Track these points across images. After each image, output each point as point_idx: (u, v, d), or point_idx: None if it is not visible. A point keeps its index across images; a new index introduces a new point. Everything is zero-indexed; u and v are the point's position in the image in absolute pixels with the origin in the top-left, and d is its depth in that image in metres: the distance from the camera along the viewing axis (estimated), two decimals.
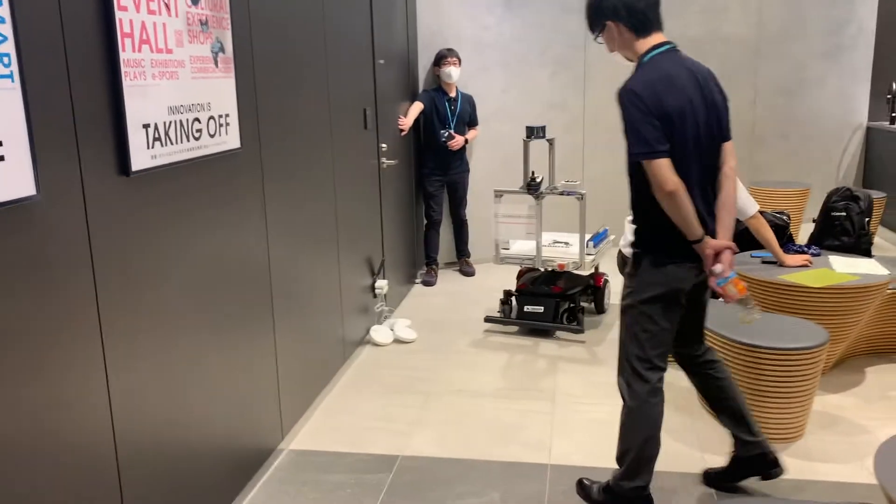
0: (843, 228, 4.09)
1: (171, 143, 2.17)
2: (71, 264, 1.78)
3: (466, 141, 5.46)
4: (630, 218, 2.55)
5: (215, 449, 2.50)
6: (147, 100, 2.04)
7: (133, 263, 2.02)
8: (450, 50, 5.33)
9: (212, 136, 2.41)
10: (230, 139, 2.55)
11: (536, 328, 4.38)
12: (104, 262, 1.90)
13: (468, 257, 5.75)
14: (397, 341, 4.34)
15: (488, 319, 4.45)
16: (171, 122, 2.16)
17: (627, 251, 3.89)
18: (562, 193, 4.32)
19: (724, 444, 3.10)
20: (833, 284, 3.41)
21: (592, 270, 4.64)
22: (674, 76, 2.35)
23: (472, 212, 5.72)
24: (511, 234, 4.33)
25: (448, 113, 5.38)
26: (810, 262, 3.75)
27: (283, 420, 3.12)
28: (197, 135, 2.31)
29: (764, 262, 3.81)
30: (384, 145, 4.56)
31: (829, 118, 7.11)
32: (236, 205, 2.63)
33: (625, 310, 2.51)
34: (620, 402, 2.60)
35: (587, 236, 4.41)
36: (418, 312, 4.83)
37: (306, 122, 3.29)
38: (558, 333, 4.38)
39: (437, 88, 5.42)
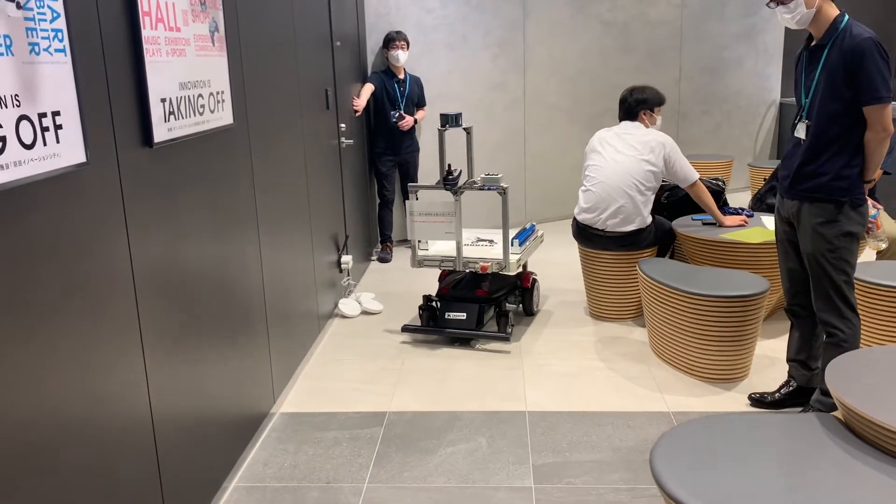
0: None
1: (183, 118, 2.29)
2: (109, 227, 1.90)
3: (416, 121, 5.65)
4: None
5: (222, 414, 2.64)
6: (163, 75, 2.16)
7: (157, 230, 2.14)
8: (398, 33, 5.49)
9: (212, 111, 2.54)
10: (225, 115, 2.67)
11: (459, 337, 3.99)
12: (135, 226, 2.02)
13: None
14: (365, 313, 4.52)
15: (406, 329, 4.05)
16: (181, 98, 2.28)
17: (582, 218, 4.20)
18: (481, 188, 3.88)
19: (677, 385, 3.44)
20: (769, 240, 3.79)
21: (519, 270, 4.28)
22: None
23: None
24: (428, 234, 3.94)
25: (397, 94, 5.56)
26: (746, 222, 4.14)
27: (275, 386, 3.27)
28: (201, 110, 2.44)
29: (705, 224, 4.17)
30: (343, 125, 4.70)
31: (747, 95, 7.64)
32: (232, 179, 2.76)
33: (833, 250, 2.72)
34: (579, 357, 2.85)
35: (512, 233, 4.18)
36: (379, 287, 5.02)
37: (282, 102, 3.42)
38: (481, 342, 3.99)
39: (386, 70, 5.58)
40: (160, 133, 2.14)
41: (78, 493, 1.73)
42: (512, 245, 4.03)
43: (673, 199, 4.58)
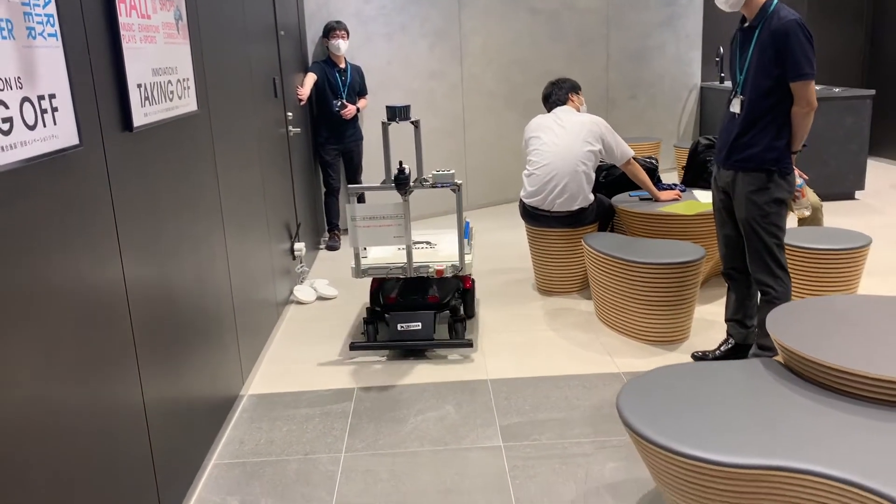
0: (710, 171, 4.81)
1: (156, 103, 2.35)
2: (98, 207, 1.95)
3: (358, 110, 5.74)
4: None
5: (197, 397, 2.71)
6: (138, 61, 2.22)
7: (140, 215, 2.20)
8: (338, 22, 5.56)
9: (180, 98, 2.59)
10: (191, 102, 2.73)
11: (413, 349, 3.71)
12: (121, 210, 2.08)
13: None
14: (320, 298, 4.60)
15: (354, 347, 3.65)
16: (154, 84, 2.34)
17: (529, 200, 4.39)
18: (433, 186, 3.58)
19: (624, 348, 3.67)
20: (701, 212, 4.07)
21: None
22: None
23: (367, 179, 6.03)
24: (374, 240, 3.55)
25: (339, 84, 5.63)
26: (679, 196, 4.41)
27: (243, 370, 3.33)
28: (171, 96, 2.49)
29: (641, 200, 4.43)
30: (290, 114, 4.76)
31: (670, 80, 8.01)
32: (199, 166, 2.81)
33: (765, 216, 2.97)
34: (532, 328, 3.03)
35: (446, 233, 4.10)
36: (331, 273, 5.10)
37: (236, 90, 3.47)
38: (434, 352, 3.72)
39: (327, 60, 5.64)
40: (139, 118, 2.20)
41: (82, 472, 1.79)
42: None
43: (611, 178, 4.82)
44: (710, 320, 3.98)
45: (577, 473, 2.62)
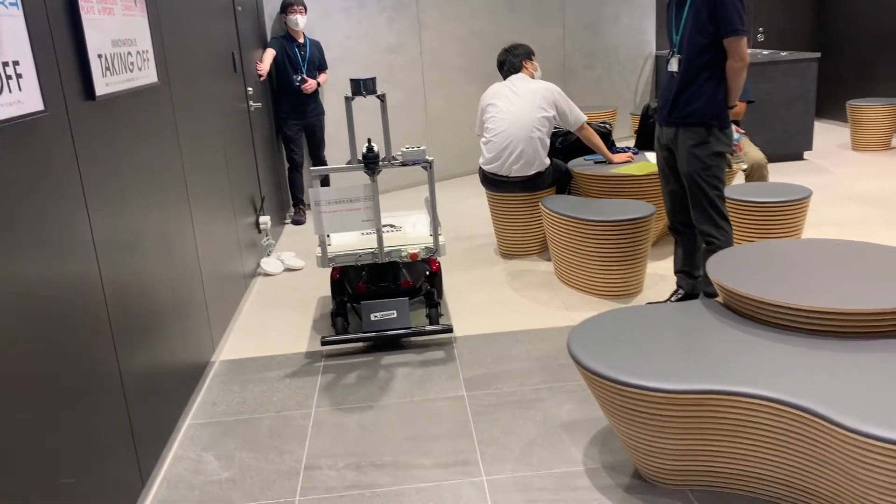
0: None
1: (117, 73, 2.42)
2: (65, 175, 2.03)
3: (319, 84, 5.80)
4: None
5: (170, 363, 2.81)
6: (98, 32, 2.28)
7: (105, 179, 2.28)
8: None
9: (140, 69, 2.66)
10: (151, 74, 2.79)
11: (388, 339, 3.46)
12: (87, 175, 2.16)
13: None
14: (287, 270, 4.70)
15: (326, 342, 3.41)
16: (114, 54, 2.41)
17: (488, 167, 4.51)
18: (403, 164, 3.35)
19: (582, 304, 3.84)
20: (653, 172, 4.24)
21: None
22: None
23: (329, 155, 6.10)
24: (341, 226, 3.30)
25: (299, 58, 5.68)
26: (632, 158, 4.58)
27: (213, 336, 3.43)
28: (131, 67, 2.56)
29: (596, 163, 4.59)
30: (250, 89, 4.81)
31: (625, 49, 8.17)
32: (162, 138, 2.88)
33: (706, 168, 3.13)
34: (494, 289, 3.16)
35: (412, 214, 3.99)
36: (297, 247, 5.19)
37: (197, 64, 3.53)
38: (410, 340, 3.53)
39: (286, 36, 5.68)
40: (100, 87, 2.27)
41: (64, 437, 1.89)
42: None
43: (566, 144, 4.96)
44: (661, 275, 4.17)
45: (536, 416, 2.78)
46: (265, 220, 4.73)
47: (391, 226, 3.86)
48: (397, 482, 2.43)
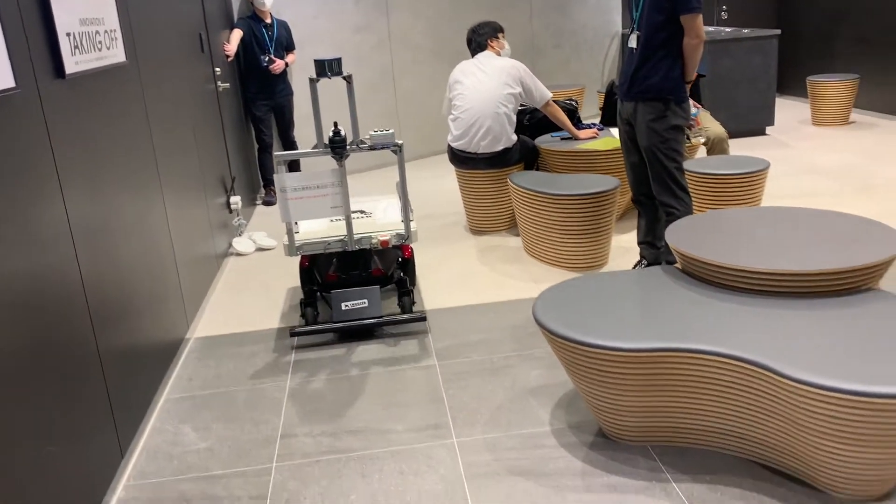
0: None
1: (86, 52, 2.45)
2: (39, 152, 2.07)
3: (287, 65, 5.81)
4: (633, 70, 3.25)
5: (146, 339, 2.86)
6: (65, 10, 2.31)
7: (78, 157, 2.31)
8: None
9: (108, 48, 2.68)
10: (119, 53, 2.82)
11: (359, 329, 3.34)
12: (60, 152, 2.19)
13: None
14: (259, 249, 4.74)
15: (295, 333, 3.31)
16: (82, 33, 2.43)
17: (456, 144, 4.58)
18: (372, 148, 3.27)
19: (549, 276, 3.95)
20: (617, 147, 4.34)
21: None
22: None
23: (299, 136, 6.12)
24: (309, 213, 3.20)
25: (266, 39, 5.68)
26: (597, 134, 4.68)
27: (187, 314, 3.48)
28: (99, 46, 2.59)
29: (563, 139, 4.68)
30: (218, 69, 4.82)
31: (593, 28, 8.26)
32: (131, 117, 2.91)
33: (664, 141, 3.23)
34: (464, 264, 3.24)
35: (382, 199, 3.89)
36: (267, 227, 5.22)
37: (164, 44, 3.54)
38: (382, 330, 3.43)
39: (253, 16, 5.68)
40: (70, 65, 2.30)
41: (48, 411, 1.95)
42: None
43: (534, 121, 5.05)
44: (625, 247, 4.29)
45: (505, 382, 2.88)
46: (236, 200, 4.76)
47: (361, 211, 3.75)
48: (372, 446, 2.52)
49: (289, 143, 6.02)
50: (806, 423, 1.97)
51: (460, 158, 4.62)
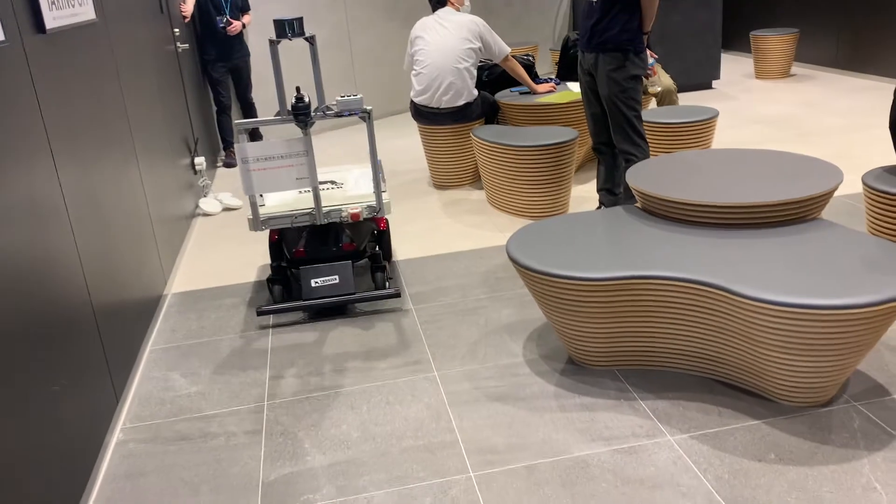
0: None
1: (61, 8, 2.47)
2: (26, 106, 2.12)
3: (244, 26, 5.79)
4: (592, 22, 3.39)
5: (128, 294, 2.93)
6: None
7: (60, 111, 2.36)
8: None
9: (80, 5, 2.71)
10: (89, 10, 2.84)
11: (330, 306, 3.19)
12: (45, 105, 2.24)
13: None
14: (227, 209, 4.79)
15: (262, 312, 3.15)
16: None
17: (418, 99, 4.68)
18: (338, 115, 3.07)
19: (513, 225, 4.11)
20: (574, 100, 4.50)
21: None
22: None
23: (257, 98, 6.12)
24: (273, 185, 3.02)
25: (222, 1, 5.64)
26: (554, 88, 4.83)
27: (164, 271, 3.54)
28: (72, 2, 2.61)
29: (521, 94, 4.82)
30: (177, 30, 4.80)
31: None
32: (104, 74, 2.94)
33: (623, 91, 3.39)
34: (430, 218, 3.42)
35: (355, 170, 3.74)
36: (232, 187, 5.26)
37: (127, 3, 3.54)
38: (359, 307, 3.28)
39: None
40: (49, 20, 2.33)
41: (55, 359, 2.03)
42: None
43: (493, 77, 5.17)
44: (584, 196, 4.48)
45: (479, 321, 3.05)
46: (200, 160, 4.79)
47: (332, 182, 3.57)
48: (358, 382, 2.67)
49: (247, 105, 6.03)
50: (759, 338, 2.19)
51: (423, 113, 4.72)
